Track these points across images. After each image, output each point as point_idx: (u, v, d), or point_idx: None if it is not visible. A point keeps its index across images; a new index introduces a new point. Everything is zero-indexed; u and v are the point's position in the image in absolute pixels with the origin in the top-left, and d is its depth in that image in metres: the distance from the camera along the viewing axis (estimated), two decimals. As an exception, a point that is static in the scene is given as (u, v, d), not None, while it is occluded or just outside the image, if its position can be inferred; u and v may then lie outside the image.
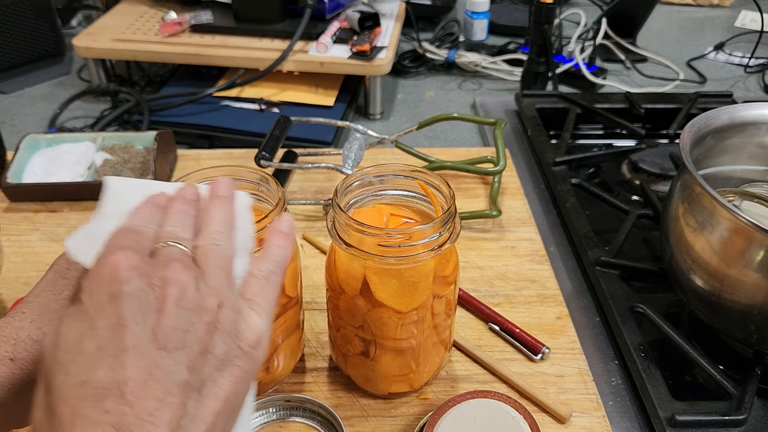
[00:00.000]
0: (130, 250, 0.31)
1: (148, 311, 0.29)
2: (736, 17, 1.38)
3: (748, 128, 0.62)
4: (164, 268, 0.30)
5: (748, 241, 0.50)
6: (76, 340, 0.29)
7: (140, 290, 0.29)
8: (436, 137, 0.95)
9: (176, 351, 0.29)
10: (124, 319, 0.28)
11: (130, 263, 0.30)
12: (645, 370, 0.54)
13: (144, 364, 0.28)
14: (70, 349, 0.28)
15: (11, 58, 1.08)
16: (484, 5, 1.18)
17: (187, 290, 0.30)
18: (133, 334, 0.28)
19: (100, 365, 0.28)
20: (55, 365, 0.29)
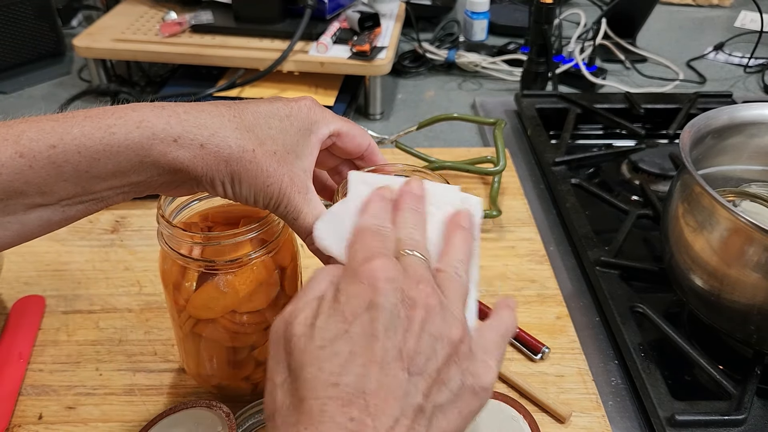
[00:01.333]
0: (385, 258, 0.33)
1: (397, 328, 0.30)
2: (735, 17, 1.38)
3: (748, 128, 0.62)
4: (415, 286, 0.32)
5: (748, 241, 0.50)
6: (332, 339, 0.30)
7: (393, 305, 0.31)
8: (436, 137, 0.96)
9: (417, 375, 0.30)
10: (377, 330, 0.30)
11: (388, 275, 0.32)
12: (645, 370, 0.54)
13: (388, 380, 0.29)
14: (326, 346, 0.30)
15: (11, 58, 1.08)
16: (484, 5, 1.19)
17: (433, 316, 0.31)
18: (383, 348, 0.30)
19: (350, 370, 0.29)
20: (308, 357, 0.30)
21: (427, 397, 0.30)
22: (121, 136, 0.34)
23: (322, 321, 0.31)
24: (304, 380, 0.30)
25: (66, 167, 0.34)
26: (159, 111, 0.36)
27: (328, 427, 0.28)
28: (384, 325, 0.30)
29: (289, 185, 0.38)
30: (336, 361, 0.30)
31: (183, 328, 0.48)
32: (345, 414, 0.28)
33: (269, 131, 0.38)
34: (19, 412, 0.51)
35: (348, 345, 0.30)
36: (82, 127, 0.34)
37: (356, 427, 0.28)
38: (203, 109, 0.37)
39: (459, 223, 0.38)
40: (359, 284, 0.31)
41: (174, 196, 0.44)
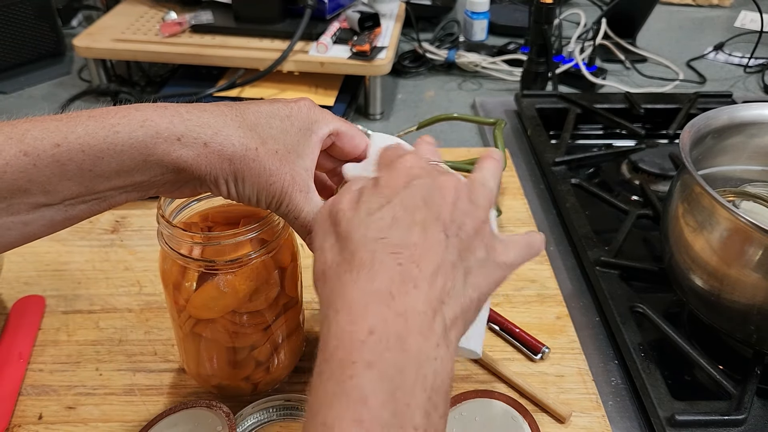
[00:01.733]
0: (415, 155, 0.38)
1: (434, 200, 0.35)
2: (735, 17, 1.38)
3: (748, 128, 0.62)
4: (445, 176, 0.37)
5: (748, 241, 0.50)
6: (377, 208, 0.34)
7: (427, 185, 0.35)
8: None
9: (453, 237, 0.34)
10: (417, 200, 0.35)
11: (420, 164, 0.37)
12: (645, 370, 0.54)
13: (428, 237, 0.33)
14: (373, 213, 0.34)
15: (11, 58, 1.08)
16: (484, 5, 1.19)
17: (461, 198, 0.36)
18: (422, 213, 0.34)
19: (396, 229, 0.33)
20: (355, 222, 0.34)
21: (461, 257, 0.34)
22: (124, 135, 0.35)
23: (365, 198, 0.35)
24: (352, 240, 0.33)
25: (70, 166, 0.34)
26: (162, 111, 0.36)
27: (379, 267, 0.32)
28: (422, 197, 0.35)
29: (290, 184, 0.39)
30: (382, 223, 0.33)
31: (183, 328, 0.48)
32: (394, 259, 0.32)
33: (270, 131, 0.39)
34: (19, 412, 0.51)
35: (391, 212, 0.34)
36: (86, 126, 0.34)
37: (404, 271, 0.32)
38: (206, 109, 0.37)
39: (490, 155, 0.42)
40: (395, 171, 0.36)
41: (176, 197, 0.44)
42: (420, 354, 0.30)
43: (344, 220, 0.34)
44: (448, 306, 0.33)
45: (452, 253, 0.34)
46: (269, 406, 0.51)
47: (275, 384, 0.53)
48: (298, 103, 0.41)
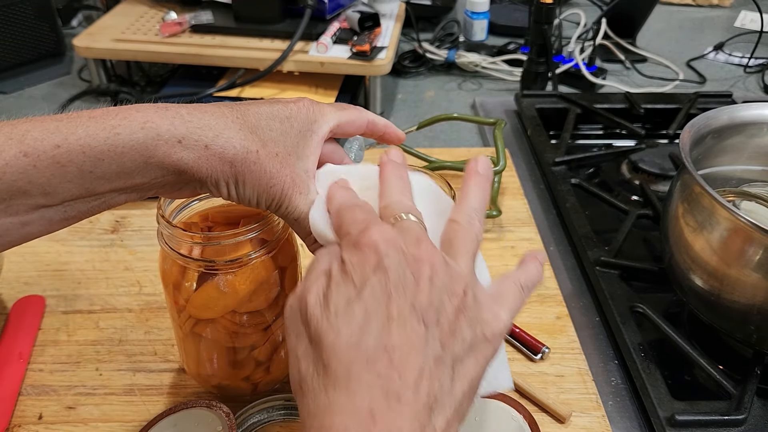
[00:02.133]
0: (379, 224, 0.33)
1: (407, 285, 0.31)
2: (735, 17, 1.38)
3: (748, 128, 0.62)
4: (416, 245, 0.33)
5: (748, 241, 0.50)
6: (346, 304, 0.31)
7: (398, 263, 0.32)
8: (436, 137, 0.96)
9: (432, 326, 0.31)
10: (388, 290, 0.31)
11: (387, 237, 0.32)
12: (645, 370, 0.54)
13: (407, 334, 0.30)
14: (340, 312, 0.31)
15: (11, 58, 1.08)
16: (484, 5, 1.19)
17: (438, 271, 0.32)
18: (397, 304, 0.31)
19: (369, 330, 0.30)
20: (325, 325, 0.31)
21: (444, 348, 0.31)
22: (125, 137, 0.34)
23: (333, 290, 0.32)
24: (325, 347, 0.30)
25: (70, 167, 0.34)
26: (163, 112, 0.36)
27: (356, 384, 0.29)
28: (394, 284, 0.31)
29: (290, 186, 0.38)
30: (354, 324, 0.30)
31: (183, 328, 0.48)
32: (371, 371, 0.29)
33: (271, 133, 0.38)
34: (19, 412, 0.51)
35: (362, 308, 0.30)
36: (86, 127, 0.34)
37: (384, 383, 0.29)
38: (206, 110, 0.37)
39: (475, 170, 0.38)
40: (361, 252, 0.32)
41: (176, 198, 0.44)
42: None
43: (314, 321, 0.31)
44: (438, 412, 0.30)
45: (434, 347, 0.30)
46: (269, 406, 0.51)
47: (275, 384, 0.53)
48: (297, 103, 0.40)
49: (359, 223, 0.34)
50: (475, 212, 0.36)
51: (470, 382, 0.32)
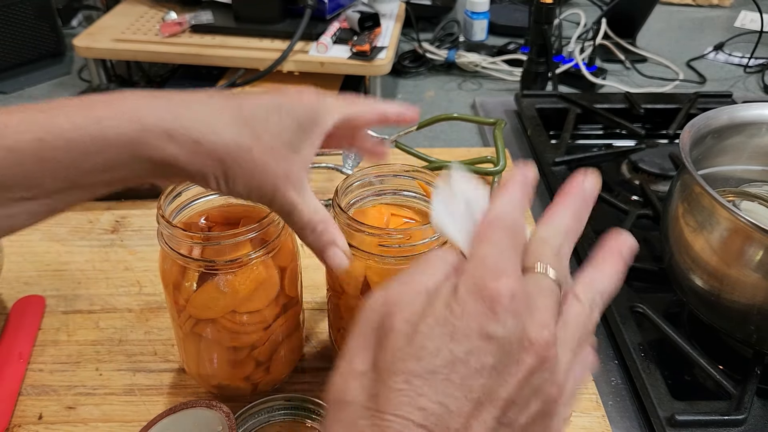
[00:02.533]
0: (515, 279, 0.28)
1: (503, 370, 0.27)
2: (735, 17, 1.38)
3: (748, 128, 0.62)
4: (538, 328, 0.27)
5: (748, 241, 0.50)
6: (433, 353, 0.26)
7: (508, 342, 0.27)
8: (436, 137, 0.96)
9: (505, 427, 0.27)
10: (483, 365, 0.26)
11: (512, 304, 0.27)
12: (645, 370, 0.54)
13: (476, 424, 0.26)
14: (424, 358, 0.26)
15: (11, 58, 1.08)
16: (484, 5, 1.19)
17: (542, 369, 0.27)
18: (482, 386, 0.26)
19: (439, 398, 0.26)
20: (400, 364, 0.27)
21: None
22: (111, 131, 0.33)
23: (427, 326, 0.27)
24: (388, 388, 0.26)
25: (53, 162, 0.33)
26: (151, 101, 0.34)
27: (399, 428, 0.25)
28: (492, 362, 0.26)
29: (283, 182, 0.38)
30: (430, 381, 0.26)
31: (183, 328, 0.48)
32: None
33: (267, 125, 0.37)
34: (19, 412, 0.51)
35: (447, 368, 0.26)
36: (70, 119, 0.33)
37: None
38: (200, 100, 0.36)
39: (619, 250, 0.34)
40: (479, 302, 0.27)
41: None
42: None
43: (390, 348, 0.27)
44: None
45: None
46: (269, 406, 0.51)
47: (275, 384, 0.53)
48: (300, 95, 0.39)
49: (499, 260, 0.28)
50: (601, 297, 0.31)
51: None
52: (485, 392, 0.26)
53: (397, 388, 0.26)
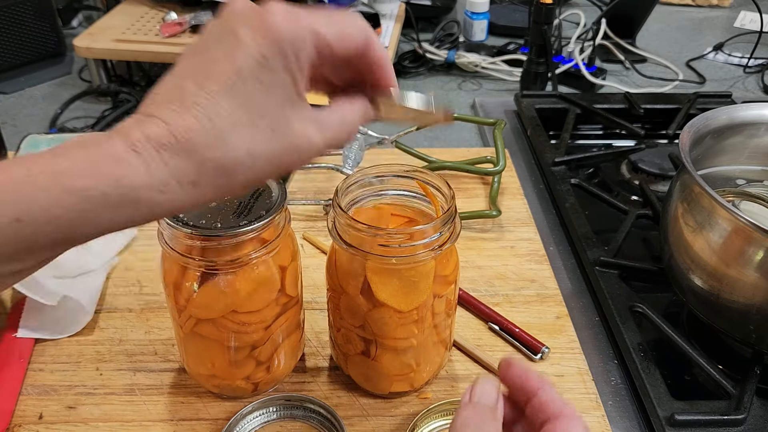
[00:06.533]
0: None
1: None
2: (735, 18, 1.38)
3: (748, 128, 0.62)
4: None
5: (747, 241, 0.50)
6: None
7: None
8: (436, 137, 0.96)
9: None
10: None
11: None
12: (644, 370, 0.54)
13: None
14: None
15: (12, 58, 1.08)
16: (484, 6, 1.19)
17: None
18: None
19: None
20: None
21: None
22: (98, 201, 0.30)
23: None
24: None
25: (34, 237, 0.30)
26: (136, 158, 0.31)
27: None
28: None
29: (297, 155, 0.35)
30: None
31: (183, 327, 0.48)
32: None
33: (258, 109, 0.33)
34: (19, 411, 0.51)
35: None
36: (50, 194, 0.29)
37: None
38: (187, 126, 0.32)
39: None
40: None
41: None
42: None
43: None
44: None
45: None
46: (269, 405, 0.51)
47: (275, 384, 0.53)
48: (258, 29, 0.33)
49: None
50: None
51: None
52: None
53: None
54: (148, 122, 0.31)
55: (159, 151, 0.31)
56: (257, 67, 0.32)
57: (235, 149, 0.33)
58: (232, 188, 0.33)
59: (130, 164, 0.30)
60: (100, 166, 0.30)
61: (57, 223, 0.30)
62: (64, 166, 0.30)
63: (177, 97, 0.32)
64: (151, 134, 0.31)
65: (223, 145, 0.32)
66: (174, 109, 0.32)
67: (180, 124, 0.31)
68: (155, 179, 0.31)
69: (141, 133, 0.31)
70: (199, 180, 0.32)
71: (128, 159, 0.31)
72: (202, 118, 0.32)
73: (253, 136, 0.33)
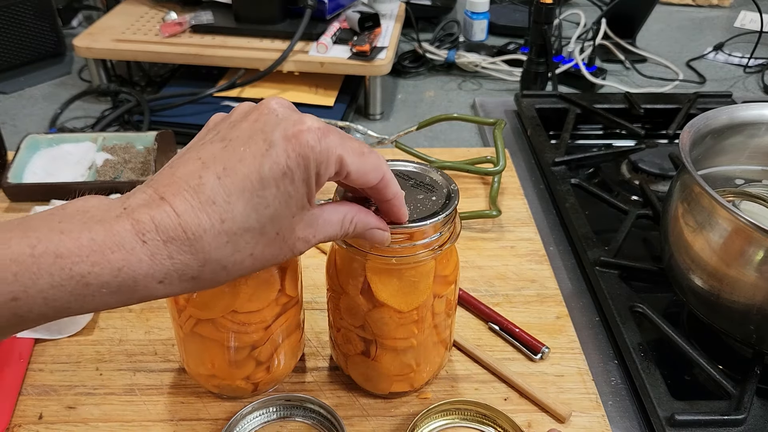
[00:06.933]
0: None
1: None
2: (735, 17, 1.38)
3: (748, 128, 0.62)
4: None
5: (748, 241, 0.50)
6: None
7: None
8: (436, 137, 0.96)
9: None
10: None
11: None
12: (644, 370, 0.54)
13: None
14: None
15: (12, 58, 1.08)
16: (484, 6, 1.19)
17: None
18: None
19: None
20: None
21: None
22: (96, 287, 0.31)
23: None
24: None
25: (30, 316, 0.30)
26: (140, 248, 0.31)
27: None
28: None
29: (294, 252, 0.36)
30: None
31: (183, 327, 0.48)
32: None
33: (267, 211, 0.33)
34: (19, 411, 0.51)
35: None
36: (50, 277, 0.30)
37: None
38: (196, 222, 0.32)
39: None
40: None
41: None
42: None
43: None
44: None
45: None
46: (269, 405, 0.51)
47: (275, 384, 0.53)
48: (292, 145, 0.33)
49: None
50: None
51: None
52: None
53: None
54: (160, 208, 0.31)
55: (166, 244, 0.31)
56: (281, 177, 0.33)
57: (240, 252, 0.33)
58: (225, 282, 0.34)
59: (134, 253, 0.30)
60: (105, 252, 0.30)
61: (53, 302, 0.30)
62: (68, 248, 0.30)
63: (194, 187, 0.32)
64: (160, 224, 0.31)
65: (230, 247, 0.33)
66: (188, 200, 0.32)
67: (192, 220, 0.31)
68: (157, 271, 0.31)
69: (150, 219, 0.31)
70: (199, 275, 0.32)
71: (134, 247, 0.30)
72: (215, 217, 0.32)
73: (259, 241, 0.34)
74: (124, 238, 0.30)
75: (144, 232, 0.31)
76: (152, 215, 0.31)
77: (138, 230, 0.31)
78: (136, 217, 0.31)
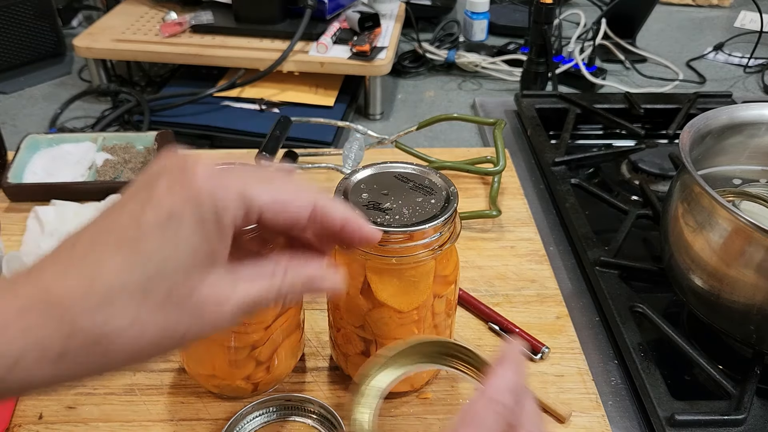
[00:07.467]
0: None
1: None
2: (735, 17, 1.38)
3: (748, 128, 0.62)
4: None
5: (748, 241, 0.50)
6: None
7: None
8: (436, 137, 0.96)
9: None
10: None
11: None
12: (644, 370, 0.54)
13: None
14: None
15: (12, 58, 1.08)
16: (484, 6, 1.19)
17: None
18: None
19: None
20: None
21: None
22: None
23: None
24: None
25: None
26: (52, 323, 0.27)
27: None
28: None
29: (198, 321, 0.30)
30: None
31: (183, 327, 0.48)
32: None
33: (163, 269, 0.29)
34: (19, 411, 0.51)
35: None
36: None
37: None
38: (58, 300, 0.28)
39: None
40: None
41: None
42: None
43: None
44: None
45: None
46: (269, 406, 0.51)
47: (275, 384, 0.53)
48: (172, 189, 0.29)
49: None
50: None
51: None
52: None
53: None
54: (25, 280, 0.28)
55: (20, 316, 0.26)
56: (165, 223, 0.28)
57: (118, 317, 0.27)
58: (110, 364, 0.29)
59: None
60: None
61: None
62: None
63: (67, 253, 0.28)
64: (20, 294, 0.27)
65: (103, 310, 0.27)
66: (57, 262, 0.28)
67: (56, 284, 0.27)
68: (8, 350, 0.26)
69: (11, 293, 0.27)
70: (65, 352, 0.27)
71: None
72: (82, 278, 0.27)
73: (143, 301, 0.28)
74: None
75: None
76: (14, 290, 0.27)
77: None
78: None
